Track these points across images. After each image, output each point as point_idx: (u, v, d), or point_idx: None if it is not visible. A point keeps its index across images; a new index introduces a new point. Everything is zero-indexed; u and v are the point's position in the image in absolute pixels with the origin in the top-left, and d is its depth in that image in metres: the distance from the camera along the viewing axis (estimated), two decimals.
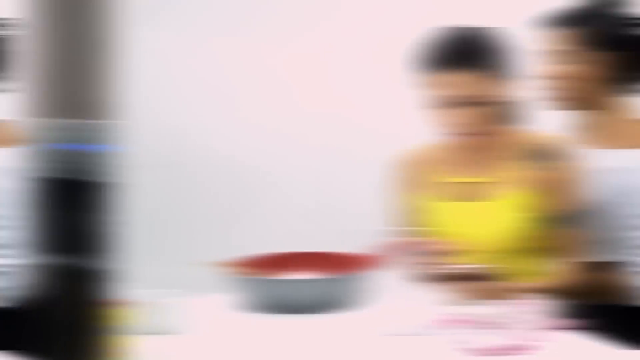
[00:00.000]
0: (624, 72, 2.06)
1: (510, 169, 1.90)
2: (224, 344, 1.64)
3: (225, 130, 2.80)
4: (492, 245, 1.86)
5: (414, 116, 1.98)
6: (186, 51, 2.72)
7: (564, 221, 1.87)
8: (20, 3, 1.07)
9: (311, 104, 2.89)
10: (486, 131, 1.87)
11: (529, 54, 1.88)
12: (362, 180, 2.93)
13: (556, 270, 1.90)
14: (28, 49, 1.04)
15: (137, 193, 2.63)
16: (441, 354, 1.49)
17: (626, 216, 1.99)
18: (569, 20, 2.07)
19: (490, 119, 1.85)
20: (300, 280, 1.81)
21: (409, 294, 1.65)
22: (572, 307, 2.16)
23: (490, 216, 1.87)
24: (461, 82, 1.80)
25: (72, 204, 1.06)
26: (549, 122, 2.00)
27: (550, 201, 1.88)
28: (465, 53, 1.80)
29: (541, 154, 1.89)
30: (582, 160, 1.90)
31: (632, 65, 2.06)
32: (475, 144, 1.89)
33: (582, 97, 2.09)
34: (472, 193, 1.92)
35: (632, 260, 2.00)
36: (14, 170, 1.82)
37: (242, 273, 1.83)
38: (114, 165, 1.06)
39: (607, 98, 2.06)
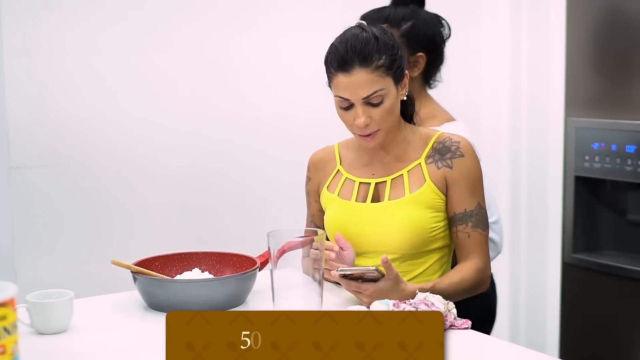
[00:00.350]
0: (429, 69, 2.31)
1: (412, 167, 1.91)
2: (112, 343, 1.62)
3: (137, 127, 2.76)
4: (395, 245, 1.86)
5: (330, 117, 2.00)
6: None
7: (466, 219, 1.87)
8: None
9: (229, 102, 2.88)
10: (388, 130, 1.87)
11: None
12: (280, 180, 2.94)
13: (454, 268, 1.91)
14: None
15: (32, 192, 2.58)
16: None
17: None
18: (381, 22, 2.20)
19: (390, 117, 1.86)
20: (193, 280, 1.79)
21: (307, 293, 1.64)
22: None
23: (393, 216, 1.87)
24: (358, 82, 1.80)
25: None
26: None
27: (453, 199, 1.89)
28: (361, 53, 1.80)
29: (443, 152, 1.90)
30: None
31: (436, 62, 2.31)
32: (377, 144, 1.89)
33: None
34: (375, 193, 1.92)
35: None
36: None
37: (138, 273, 1.80)
38: None
39: (416, 91, 2.27)
